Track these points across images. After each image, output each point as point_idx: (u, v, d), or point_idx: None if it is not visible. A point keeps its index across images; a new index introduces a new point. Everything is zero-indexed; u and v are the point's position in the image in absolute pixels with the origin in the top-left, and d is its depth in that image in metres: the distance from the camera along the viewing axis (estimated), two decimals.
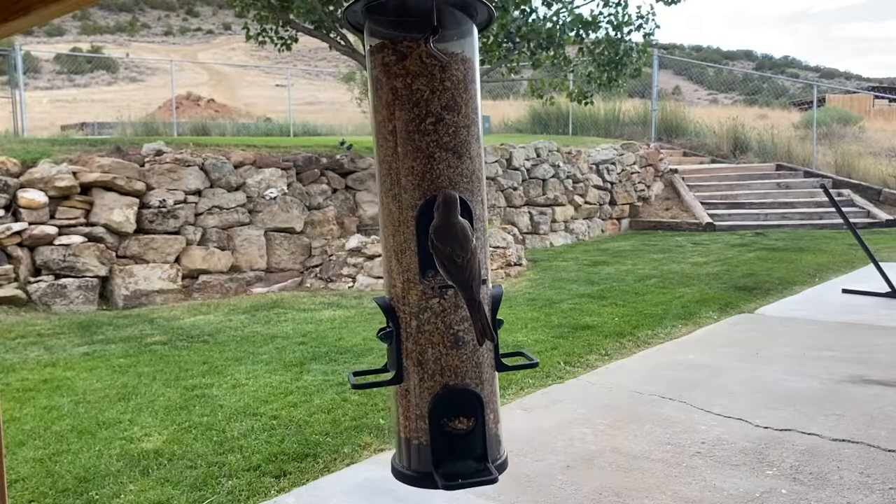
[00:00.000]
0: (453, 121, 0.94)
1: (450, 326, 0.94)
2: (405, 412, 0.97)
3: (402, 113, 0.93)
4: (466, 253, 0.89)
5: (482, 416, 0.95)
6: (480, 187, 0.97)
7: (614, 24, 8.90)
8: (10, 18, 0.76)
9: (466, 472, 0.94)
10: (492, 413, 0.97)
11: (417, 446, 0.96)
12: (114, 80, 40.86)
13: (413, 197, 0.93)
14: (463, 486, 0.92)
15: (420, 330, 0.95)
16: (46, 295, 6.30)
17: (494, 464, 0.96)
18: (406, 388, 0.96)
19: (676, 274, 7.59)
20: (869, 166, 13.02)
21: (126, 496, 2.77)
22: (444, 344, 0.94)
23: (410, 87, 0.93)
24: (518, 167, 10.41)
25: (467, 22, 0.96)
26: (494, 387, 0.99)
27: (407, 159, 0.93)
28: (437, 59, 0.92)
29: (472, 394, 0.95)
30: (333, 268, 7.53)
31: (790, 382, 4.03)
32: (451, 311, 0.94)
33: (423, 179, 0.93)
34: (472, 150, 0.96)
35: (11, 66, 12.21)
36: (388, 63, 0.94)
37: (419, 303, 0.95)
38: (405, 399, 0.97)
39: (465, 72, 0.95)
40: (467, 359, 0.95)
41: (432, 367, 0.95)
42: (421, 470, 0.96)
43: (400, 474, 0.97)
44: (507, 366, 1.00)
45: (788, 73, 54.10)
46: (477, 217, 0.96)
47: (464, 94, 0.94)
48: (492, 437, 0.97)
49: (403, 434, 0.98)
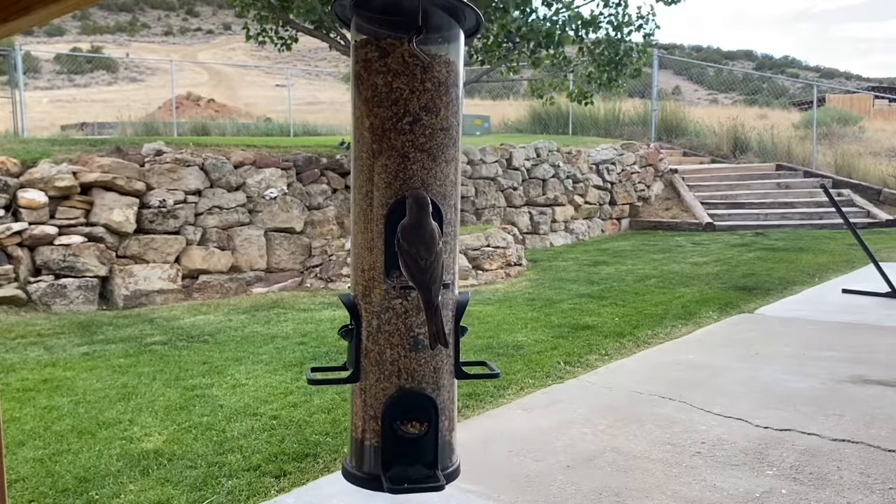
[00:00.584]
0: (431, 122, 0.93)
1: (410, 329, 0.94)
2: (359, 412, 0.96)
3: (380, 110, 0.93)
4: (430, 255, 0.88)
5: (436, 422, 0.94)
6: (454, 192, 0.97)
7: (614, 24, 8.91)
8: (10, 18, 0.76)
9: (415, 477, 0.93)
10: (446, 420, 0.96)
11: (369, 447, 0.95)
12: (114, 80, 40.85)
13: (384, 195, 0.93)
14: (409, 490, 0.91)
15: (380, 330, 0.94)
16: (46, 295, 6.30)
17: (445, 472, 0.94)
18: (362, 387, 0.96)
19: (676, 274, 7.59)
20: (869, 166, 13.02)
21: (126, 496, 2.77)
22: (403, 346, 0.94)
23: (390, 85, 0.92)
24: (518, 167, 10.41)
25: (454, 26, 0.95)
26: (452, 394, 0.98)
27: (381, 157, 0.93)
28: (419, 59, 0.92)
29: (427, 398, 0.94)
30: (333, 268, 7.53)
31: (790, 382, 4.03)
32: (413, 313, 0.93)
33: (395, 178, 0.93)
34: (447, 154, 0.95)
35: (11, 66, 12.21)
36: (370, 59, 0.93)
37: (381, 302, 0.94)
38: (360, 399, 0.96)
39: (448, 74, 0.94)
40: (426, 363, 0.94)
41: (389, 369, 0.94)
42: (370, 472, 0.95)
43: (349, 475, 0.96)
44: (466, 374, 0.98)
45: (788, 73, 54.10)
46: (447, 221, 0.95)
47: (444, 96, 0.94)
48: (444, 444, 0.96)
49: (356, 434, 0.97)
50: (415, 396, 0.94)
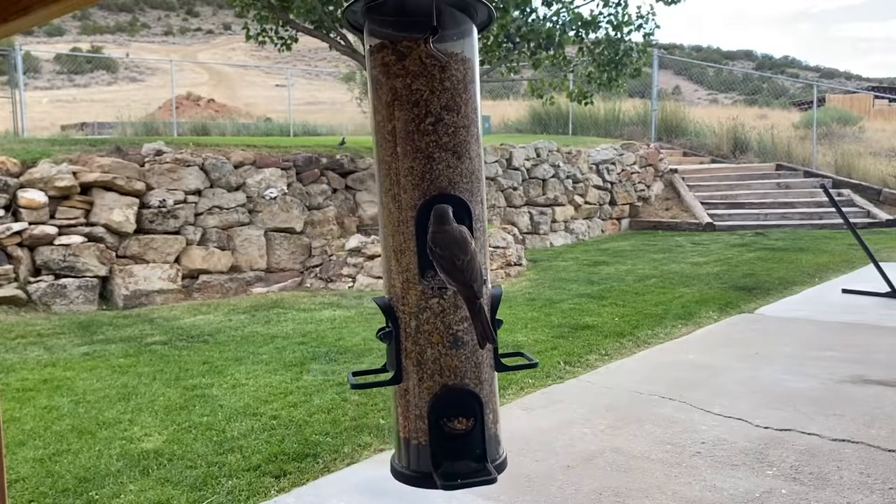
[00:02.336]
0: (453, 121, 0.94)
1: (449, 326, 0.94)
2: (404, 412, 0.97)
3: (401, 113, 0.93)
4: (467, 255, 0.89)
5: (481, 417, 0.95)
6: (480, 187, 0.97)
7: (614, 24, 8.90)
8: (10, 18, 0.76)
9: (465, 472, 0.93)
10: (491, 413, 0.97)
11: (416, 446, 0.96)
12: (114, 80, 40.85)
13: (412, 197, 0.93)
14: (462, 486, 0.92)
15: (419, 330, 0.95)
16: (46, 295, 6.30)
17: (493, 464, 0.95)
18: (405, 388, 0.96)
19: (676, 274, 7.59)
20: (869, 166, 13.02)
21: (126, 496, 2.77)
22: (443, 344, 0.94)
23: (410, 88, 0.93)
24: (518, 167, 10.41)
25: (467, 22, 0.96)
26: (494, 387, 0.99)
27: (406, 159, 0.93)
28: (436, 60, 0.92)
29: (471, 394, 0.95)
30: (333, 268, 7.53)
31: (790, 382, 4.03)
32: (451, 311, 0.94)
33: (422, 179, 0.93)
34: (471, 151, 0.95)
35: (11, 66, 12.21)
36: (387, 63, 0.94)
37: (418, 303, 0.95)
38: (404, 399, 0.97)
39: (465, 72, 0.95)
40: (466, 359, 0.95)
41: (431, 367, 0.95)
42: (420, 470, 0.95)
43: (399, 474, 0.97)
44: (506, 366, 0.99)
45: (788, 73, 54.10)
46: (476, 217, 0.96)
47: (463, 94, 0.94)
48: (491, 437, 0.97)
49: (403, 434, 0.98)
50: (458, 393, 0.95)
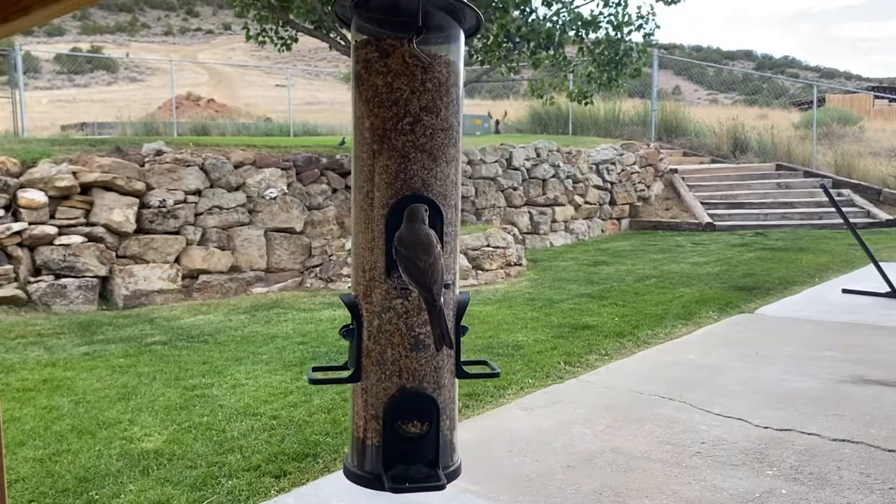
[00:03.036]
0: (431, 123, 0.93)
1: (411, 328, 0.94)
2: (360, 411, 0.97)
3: (380, 111, 0.93)
4: (430, 257, 0.88)
5: (437, 422, 0.94)
6: (454, 192, 0.97)
7: (614, 24, 8.91)
8: (10, 18, 0.76)
9: (416, 476, 0.93)
10: (448, 419, 0.96)
11: (370, 447, 0.95)
12: (114, 80, 40.85)
13: (385, 196, 0.93)
14: (410, 490, 0.92)
15: (381, 329, 0.94)
16: (46, 295, 6.30)
17: (446, 471, 0.95)
18: (363, 387, 0.96)
19: (676, 274, 7.59)
20: (869, 166, 13.02)
21: (126, 496, 2.77)
22: (403, 345, 0.94)
23: (391, 86, 0.92)
24: (518, 167, 10.41)
25: (454, 27, 0.95)
26: (453, 393, 0.98)
27: (382, 158, 0.93)
28: (419, 60, 0.92)
29: (428, 398, 0.94)
30: (333, 268, 7.53)
31: (790, 382, 4.03)
32: (414, 313, 0.94)
33: (396, 179, 0.93)
34: (447, 154, 0.95)
35: (11, 66, 12.21)
36: (370, 59, 0.93)
37: (382, 302, 0.94)
38: (361, 398, 0.96)
39: (448, 75, 0.94)
40: (426, 362, 0.94)
41: (390, 368, 0.94)
42: (371, 471, 0.95)
43: (351, 474, 0.97)
44: (467, 373, 0.98)
45: (788, 73, 54.09)
46: (448, 221, 0.95)
47: (444, 97, 0.94)
48: (445, 443, 0.96)
49: (357, 433, 0.97)
50: (416, 396, 0.94)
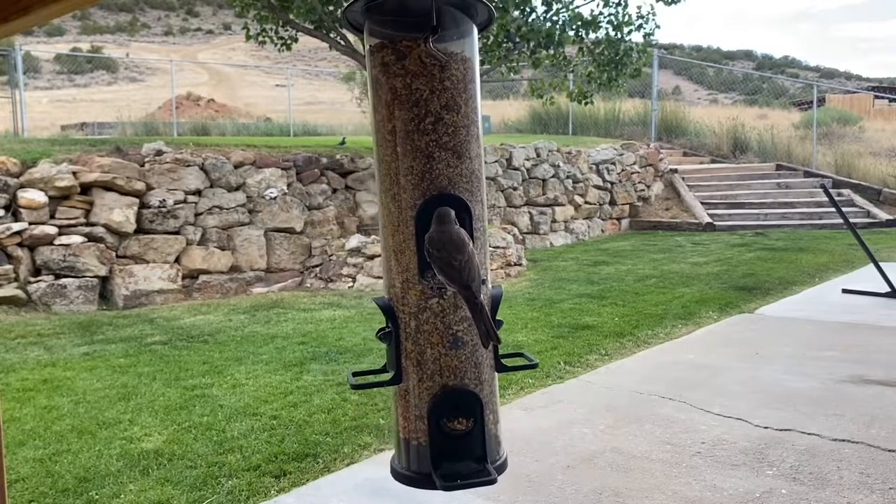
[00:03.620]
0: (452, 120, 0.93)
1: (449, 326, 0.94)
2: (404, 413, 0.97)
3: (401, 112, 0.93)
4: (464, 255, 0.89)
5: (481, 417, 0.95)
6: (480, 187, 0.97)
7: (614, 24, 8.90)
8: (10, 18, 0.76)
9: (465, 472, 0.93)
10: (491, 414, 0.97)
11: (416, 447, 0.95)
12: (114, 80, 40.85)
13: (412, 197, 0.93)
14: (462, 486, 0.92)
15: (419, 330, 0.95)
16: (46, 295, 6.30)
17: (494, 465, 0.95)
18: (405, 388, 0.96)
19: (676, 274, 7.59)
20: (869, 166, 13.02)
21: (126, 496, 2.77)
22: (443, 344, 0.94)
23: (410, 87, 0.93)
24: (518, 167, 10.41)
25: (467, 22, 0.96)
26: (494, 387, 0.99)
27: (406, 159, 0.93)
28: (436, 59, 0.92)
29: (471, 394, 0.95)
30: (333, 268, 7.53)
31: (790, 382, 4.03)
32: (451, 311, 0.94)
33: (422, 179, 0.93)
34: (471, 150, 0.95)
35: (11, 66, 12.20)
36: (387, 63, 0.94)
37: (418, 303, 0.94)
38: (404, 399, 0.97)
39: (465, 71, 0.95)
40: (466, 359, 0.95)
41: (431, 368, 0.94)
42: (420, 471, 0.95)
43: (399, 475, 0.97)
44: (506, 366, 0.99)
45: (788, 73, 54.10)
46: (476, 217, 0.95)
47: (463, 93, 0.94)
48: (491, 437, 0.96)
49: (402, 434, 0.97)
50: (458, 393, 0.94)
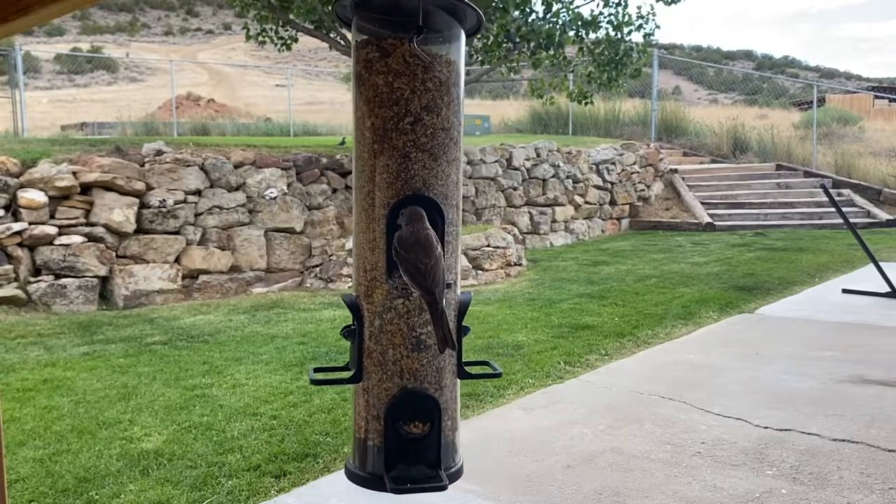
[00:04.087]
0: (432, 122, 0.93)
1: (412, 329, 0.93)
2: (362, 412, 0.96)
3: (381, 110, 0.93)
4: (430, 259, 0.88)
5: (439, 422, 0.94)
6: (456, 191, 0.96)
7: (614, 24, 8.91)
8: (10, 18, 0.76)
9: (418, 477, 0.93)
10: (449, 420, 0.96)
11: (372, 447, 0.95)
12: (114, 80, 40.84)
13: (386, 195, 0.93)
14: (412, 490, 0.91)
15: (382, 330, 0.94)
16: (46, 295, 6.30)
17: (448, 472, 0.94)
18: (364, 387, 0.96)
19: (676, 274, 7.59)
20: (869, 166, 13.02)
21: (126, 496, 2.77)
22: (405, 346, 0.94)
23: (391, 86, 0.92)
24: (518, 167, 10.41)
25: (455, 26, 0.95)
26: (455, 393, 0.98)
27: (382, 157, 0.93)
28: (420, 60, 0.92)
29: (430, 398, 0.94)
30: (333, 268, 7.53)
31: (790, 382, 4.03)
32: (416, 313, 0.93)
33: (397, 178, 0.93)
34: (448, 154, 0.95)
35: (11, 66, 12.20)
36: (370, 59, 0.93)
37: (384, 302, 0.94)
38: (363, 399, 0.96)
39: (449, 74, 0.94)
40: (428, 363, 0.94)
41: (392, 369, 0.94)
42: (373, 471, 0.95)
43: (352, 475, 0.96)
44: (469, 374, 0.98)
45: (788, 73, 54.10)
46: (449, 221, 0.95)
47: (445, 96, 0.94)
48: (447, 444, 0.96)
49: (359, 434, 0.97)
50: (417, 396, 0.94)
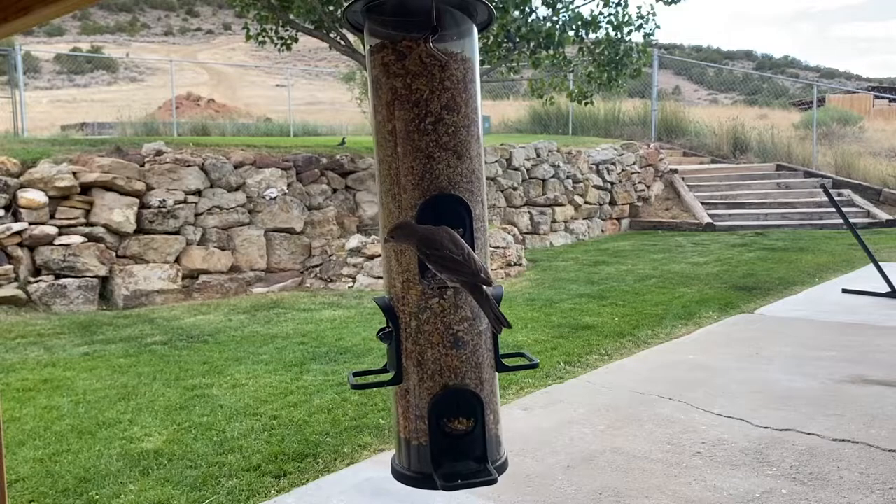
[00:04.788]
0: (453, 120, 0.94)
1: (449, 326, 0.94)
2: (405, 413, 0.97)
3: (401, 113, 0.93)
4: (463, 250, 0.89)
5: (482, 417, 0.95)
6: (480, 187, 0.97)
7: (614, 24, 8.90)
8: (10, 18, 0.76)
9: (466, 472, 0.93)
10: (491, 414, 0.97)
11: (417, 447, 0.95)
12: (114, 80, 40.84)
13: (413, 197, 0.93)
14: (462, 486, 0.92)
15: (420, 330, 0.95)
16: (46, 295, 6.30)
17: (494, 465, 0.95)
18: (406, 388, 0.96)
19: (676, 274, 7.59)
20: (869, 166, 13.02)
21: (126, 496, 2.77)
22: (443, 344, 0.94)
23: (410, 87, 0.93)
24: (518, 167, 10.41)
25: (467, 22, 0.96)
26: (494, 387, 0.99)
27: (406, 159, 0.93)
28: (436, 59, 0.92)
29: (471, 394, 0.95)
30: (333, 268, 7.53)
31: (790, 382, 4.03)
32: (451, 311, 0.94)
33: (422, 179, 0.93)
34: (471, 150, 0.95)
35: (11, 66, 12.20)
36: (387, 63, 0.94)
37: (419, 303, 0.94)
38: (405, 400, 0.97)
39: (465, 71, 0.95)
40: (467, 359, 0.95)
41: (432, 368, 0.94)
42: (421, 471, 0.95)
43: (400, 475, 0.97)
44: (507, 366, 0.99)
45: (788, 73, 54.11)
46: (477, 217, 0.95)
47: (463, 93, 0.94)
48: (492, 437, 0.96)
49: (403, 435, 0.97)
50: (459, 393, 0.94)
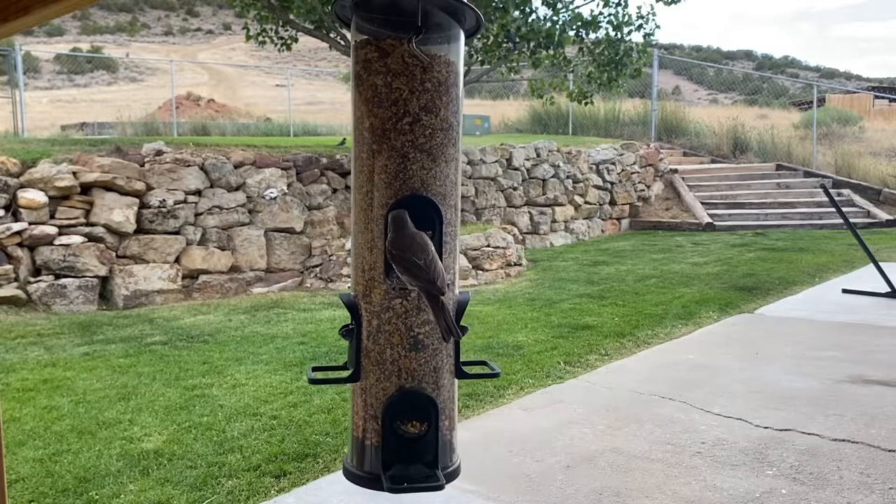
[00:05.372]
0: (430, 122, 0.93)
1: (410, 328, 0.94)
2: (359, 411, 0.96)
3: (380, 110, 0.93)
4: (428, 255, 0.88)
5: (436, 422, 0.94)
6: (454, 192, 0.96)
7: (614, 24, 8.91)
8: (10, 18, 0.76)
9: (415, 476, 0.93)
10: (447, 420, 0.96)
11: (369, 447, 0.95)
12: (114, 80, 40.84)
13: (384, 195, 0.93)
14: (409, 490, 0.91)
15: (380, 329, 0.94)
16: (46, 295, 6.30)
17: (445, 471, 0.95)
18: (362, 386, 0.96)
19: (676, 274, 7.59)
20: (869, 166, 13.02)
21: (126, 496, 2.77)
22: (403, 345, 0.94)
23: (390, 86, 0.92)
24: (518, 167, 10.41)
25: (454, 26, 0.95)
26: (453, 393, 0.98)
27: (381, 157, 0.93)
28: (418, 60, 0.92)
29: (427, 398, 0.94)
30: (333, 268, 7.53)
31: (790, 382, 4.03)
32: (413, 313, 0.94)
33: (395, 179, 0.93)
34: (447, 154, 0.95)
35: (11, 66, 12.20)
36: (369, 59, 0.93)
37: (382, 302, 0.94)
38: (361, 398, 0.96)
39: (448, 75, 0.94)
40: (425, 362, 0.94)
41: (389, 368, 0.94)
42: (371, 471, 0.95)
43: (350, 474, 0.97)
44: (466, 374, 0.98)
45: (788, 73, 54.11)
46: (447, 222, 0.95)
47: (444, 96, 0.94)
48: (444, 443, 0.96)
49: (356, 433, 0.97)
50: (415, 396, 0.94)
